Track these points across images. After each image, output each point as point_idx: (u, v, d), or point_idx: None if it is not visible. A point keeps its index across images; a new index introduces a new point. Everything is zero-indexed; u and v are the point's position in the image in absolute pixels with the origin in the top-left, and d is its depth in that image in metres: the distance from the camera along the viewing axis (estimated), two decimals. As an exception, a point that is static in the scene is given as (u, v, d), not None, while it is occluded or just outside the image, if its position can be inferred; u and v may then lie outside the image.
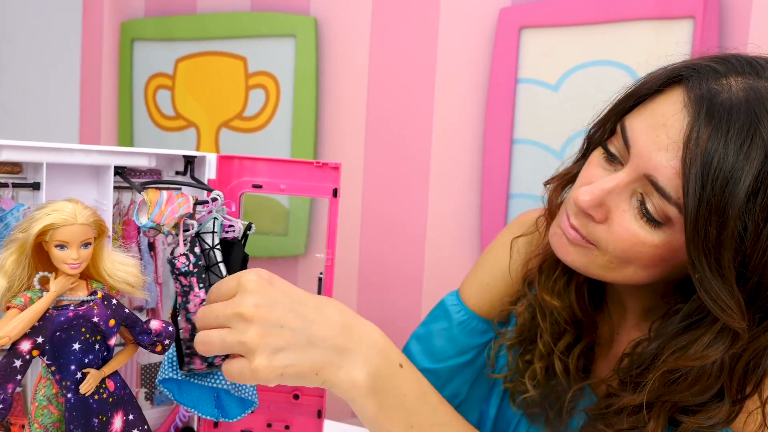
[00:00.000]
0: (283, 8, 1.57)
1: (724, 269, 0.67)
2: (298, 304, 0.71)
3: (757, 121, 0.66)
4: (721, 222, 0.66)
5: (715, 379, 0.71)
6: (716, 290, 0.67)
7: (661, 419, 0.74)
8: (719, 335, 0.71)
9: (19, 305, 0.67)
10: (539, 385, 0.92)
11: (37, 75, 2.00)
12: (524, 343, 0.96)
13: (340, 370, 0.70)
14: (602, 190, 0.75)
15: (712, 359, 0.70)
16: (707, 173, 0.66)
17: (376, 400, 0.71)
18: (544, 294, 0.91)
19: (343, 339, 0.71)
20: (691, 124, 0.68)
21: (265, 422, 0.96)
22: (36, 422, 0.71)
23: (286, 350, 0.68)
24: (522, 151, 1.37)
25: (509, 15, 1.35)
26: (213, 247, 0.83)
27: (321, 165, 0.92)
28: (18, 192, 0.84)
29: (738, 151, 0.65)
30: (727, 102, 0.67)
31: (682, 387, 0.72)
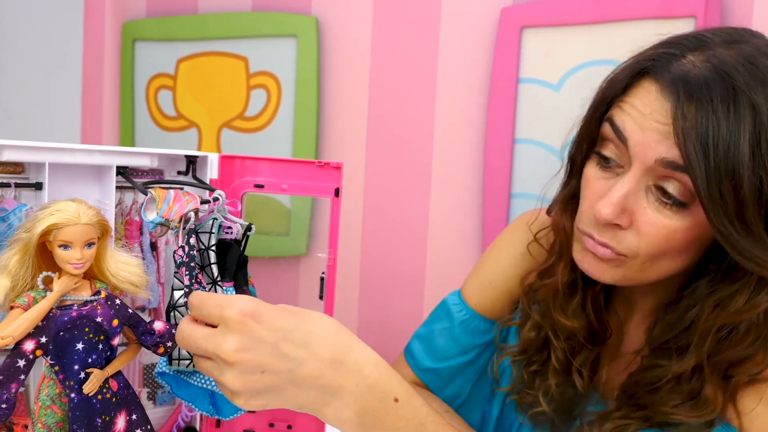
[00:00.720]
0: (285, 8, 1.57)
1: (751, 226, 0.69)
2: (284, 342, 0.66)
3: (731, 83, 0.69)
4: (734, 184, 0.68)
5: (763, 327, 0.74)
6: (749, 249, 0.69)
7: (716, 379, 0.75)
8: (759, 285, 0.73)
9: (22, 305, 0.67)
10: (553, 400, 0.92)
11: (38, 75, 2.00)
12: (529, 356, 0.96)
13: (326, 407, 0.67)
14: (619, 196, 0.75)
15: (760, 309, 0.73)
16: (706, 144, 0.68)
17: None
18: (560, 317, 0.90)
19: (331, 377, 0.66)
20: (674, 106, 0.70)
21: (267, 422, 0.96)
22: (39, 422, 0.71)
23: (266, 393, 0.66)
24: (523, 150, 1.37)
25: (510, 14, 1.35)
26: (208, 248, 0.83)
27: (323, 165, 0.92)
28: (20, 192, 0.84)
29: (727, 116, 0.68)
30: (698, 76, 0.70)
31: (734, 342, 0.74)
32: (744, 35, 0.75)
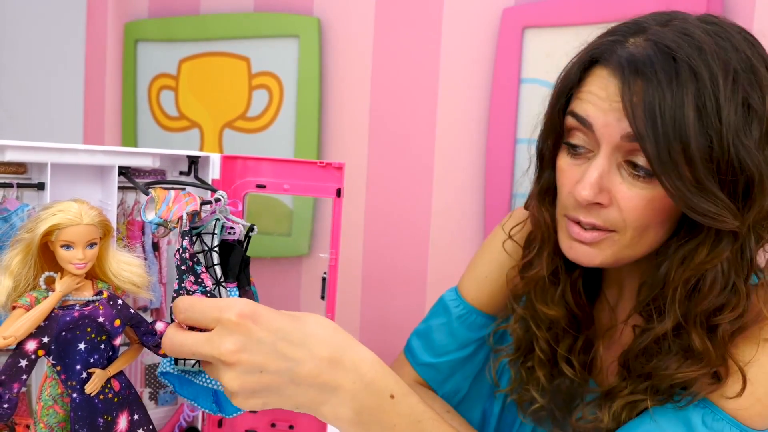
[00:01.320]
0: (286, 9, 1.57)
1: (703, 183, 0.73)
2: (282, 343, 0.66)
3: (672, 54, 0.74)
4: (683, 146, 0.72)
5: (728, 273, 0.77)
6: (703, 206, 0.74)
7: (699, 330, 0.78)
8: (718, 237, 0.77)
9: (24, 305, 0.67)
10: (546, 393, 0.93)
11: (41, 76, 2.00)
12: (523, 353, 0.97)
13: (324, 406, 0.68)
14: (595, 176, 0.79)
15: (722, 258, 0.77)
16: (654, 113, 0.73)
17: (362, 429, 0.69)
18: (541, 306, 0.93)
19: (329, 376, 0.67)
20: (622, 86, 0.75)
21: (269, 422, 0.96)
22: (41, 422, 0.71)
23: (265, 392, 0.66)
24: (525, 150, 1.37)
25: (512, 15, 1.35)
26: (211, 249, 0.83)
27: (324, 165, 0.92)
28: (23, 192, 0.84)
29: (670, 85, 0.73)
30: (641, 54, 0.76)
31: (703, 293, 0.78)
32: (674, 15, 0.80)
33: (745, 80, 0.74)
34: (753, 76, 0.75)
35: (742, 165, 0.73)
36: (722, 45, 0.75)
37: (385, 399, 0.69)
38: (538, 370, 0.93)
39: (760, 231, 0.78)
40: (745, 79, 0.74)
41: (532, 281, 0.94)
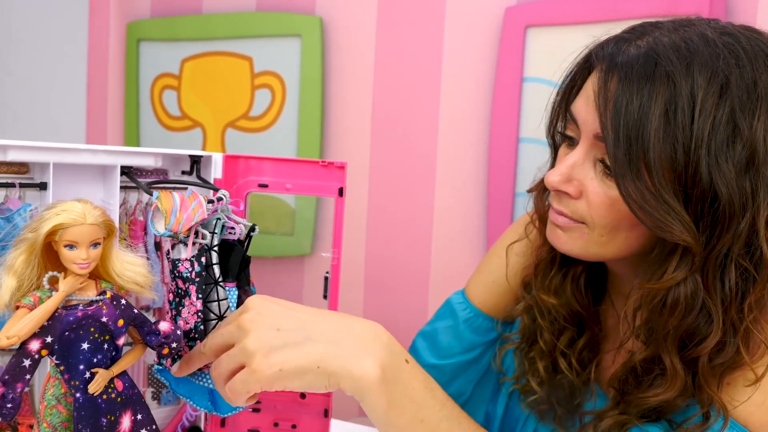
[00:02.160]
0: (289, 8, 1.57)
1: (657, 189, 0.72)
2: (295, 311, 0.73)
3: (656, 58, 0.73)
4: (643, 149, 0.71)
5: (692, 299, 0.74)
6: (650, 210, 0.72)
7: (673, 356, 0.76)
8: (683, 257, 0.75)
9: (28, 305, 0.67)
10: (544, 383, 0.93)
11: (43, 76, 2.00)
12: (528, 343, 0.97)
13: (347, 360, 0.69)
14: (567, 165, 0.81)
15: (677, 280, 0.75)
16: (620, 112, 0.73)
17: (386, 393, 0.70)
18: (541, 293, 0.94)
19: (346, 334, 0.71)
20: (601, 79, 0.76)
21: (272, 422, 0.96)
22: (45, 422, 0.71)
23: (282, 348, 0.69)
24: (528, 149, 1.37)
25: (515, 14, 1.35)
26: (211, 248, 0.83)
27: (327, 164, 0.92)
28: (25, 192, 0.84)
29: (642, 88, 0.72)
30: (630, 54, 0.75)
31: (666, 314, 0.76)
32: (696, 21, 0.79)
33: (737, 99, 0.71)
34: (751, 98, 0.71)
35: (713, 185, 0.71)
36: (723, 57, 0.72)
37: (402, 361, 0.73)
38: (539, 361, 0.94)
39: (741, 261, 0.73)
40: (737, 98, 0.71)
41: (533, 267, 0.96)
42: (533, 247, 0.98)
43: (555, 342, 0.93)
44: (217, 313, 0.82)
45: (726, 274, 0.74)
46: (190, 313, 0.82)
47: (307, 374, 0.68)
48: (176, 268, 0.82)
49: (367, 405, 0.71)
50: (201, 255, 0.82)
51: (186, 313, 0.82)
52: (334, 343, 0.70)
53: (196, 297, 0.81)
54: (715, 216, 0.72)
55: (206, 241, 0.82)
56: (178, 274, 0.82)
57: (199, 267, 0.82)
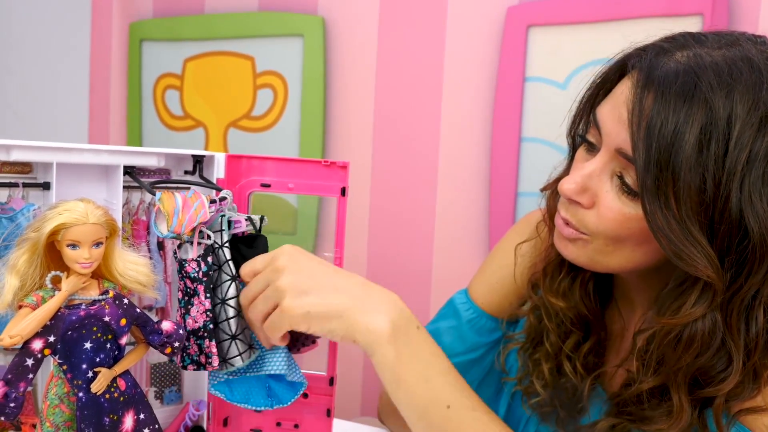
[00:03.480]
0: (291, 8, 1.57)
1: (683, 221, 0.69)
2: (326, 265, 0.81)
3: (696, 79, 0.69)
4: (673, 176, 0.68)
5: (709, 336, 0.72)
6: (676, 242, 0.69)
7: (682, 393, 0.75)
8: (703, 292, 0.72)
9: (31, 304, 0.67)
10: (548, 386, 0.93)
11: (46, 76, 2.01)
12: (533, 343, 0.96)
13: (364, 314, 0.76)
14: (582, 175, 0.78)
15: (695, 316, 0.72)
16: (653, 134, 0.69)
17: (395, 348, 0.76)
18: (549, 296, 0.92)
19: (367, 292, 0.79)
20: (635, 94, 0.72)
21: (274, 421, 0.96)
22: (47, 421, 0.72)
23: (312, 293, 0.77)
24: (530, 149, 1.37)
25: (517, 13, 1.35)
26: (222, 245, 0.84)
27: (329, 164, 0.92)
28: (28, 192, 0.84)
29: (679, 111, 0.68)
30: (669, 70, 0.71)
31: (680, 350, 0.74)
32: (741, 39, 0.74)
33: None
34: None
35: (744, 222, 0.68)
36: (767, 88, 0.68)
37: (413, 327, 0.79)
38: (544, 363, 0.93)
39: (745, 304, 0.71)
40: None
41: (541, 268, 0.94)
42: (543, 247, 0.96)
43: (561, 345, 0.92)
44: (238, 309, 0.83)
45: (752, 317, 0.72)
46: (199, 312, 0.82)
47: (330, 321, 0.76)
48: (183, 268, 0.82)
49: (377, 358, 0.77)
50: (207, 254, 0.82)
51: (195, 311, 0.82)
52: (356, 299, 0.77)
53: (204, 296, 0.82)
54: (743, 254, 0.69)
55: (211, 241, 0.83)
56: (185, 274, 0.82)
57: (206, 266, 0.82)
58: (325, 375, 0.95)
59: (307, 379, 0.88)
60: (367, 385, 1.54)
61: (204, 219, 0.81)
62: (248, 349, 0.84)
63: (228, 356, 0.83)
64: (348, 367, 1.53)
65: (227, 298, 0.83)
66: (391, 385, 0.78)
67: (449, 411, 0.77)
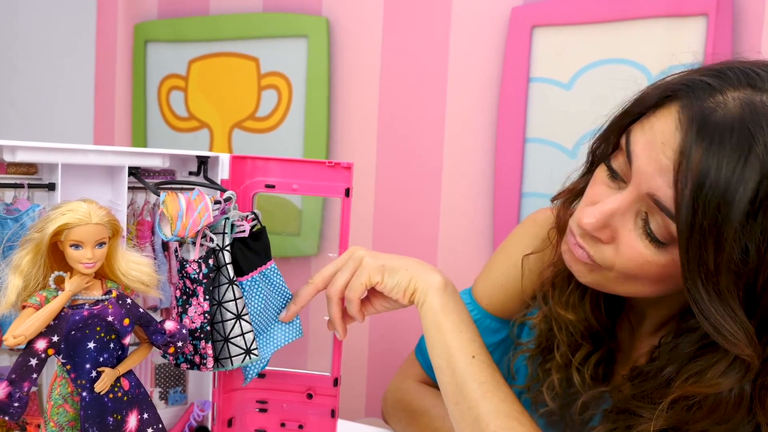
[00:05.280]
0: (295, 9, 1.57)
1: (723, 294, 0.65)
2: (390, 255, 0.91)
3: (752, 138, 0.63)
4: (717, 245, 0.64)
5: (734, 407, 0.69)
6: (716, 316, 0.65)
7: None
8: (734, 363, 0.69)
9: (34, 304, 0.68)
10: (558, 397, 0.92)
11: (51, 77, 2.01)
12: (543, 352, 0.96)
13: (424, 271, 0.88)
14: (604, 212, 0.74)
15: (724, 387, 0.69)
16: (700, 194, 0.64)
17: (442, 298, 0.86)
18: (558, 308, 0.91)
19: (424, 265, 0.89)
20: (683, 144, 0.66)
21: (278, 422, 0.96)
22: (51, 421, 0.72)
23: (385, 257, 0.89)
24: (534, 150, 1.37)
25: (521, 14, 1.35)
26: (223, 248, 0.84)
27: (333, 165, 0.92)
28: (33, 193, 0.84)
29: (732, 171, 0.63)
30: (721, 120, 0.65)
31: (699, 415, 0.71)
32: None
33: None
34: None
35: None
36: None
37: (456, 294, 0.89)
38: (554, 374, 0.92)
39: None
40: None
41: (550, 280, 0.93)
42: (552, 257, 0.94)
43: (570, 356, 0.91)
44: (235, 312, 0.84)
45: None
46: (197, 313, 0.82)
47: (398, 272, 0.87)
48: (184, 268, 0.83)
49: (426, 306, 0.86)
50: (209, 257, 0.83)
51: (192, 312, 0.82)
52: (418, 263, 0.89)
53: (203, 298, 0.82)
54: None
55: (214, 244, 0.83)
56: (186, 275, 0.82)
57: (207, 269, 0.82)
58: (330, 376, 0.95)
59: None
60: (371, 386, 1.54)
61: (208, 222, 0.81)
62: (243, 353, 0.85)
63: (220, 356, 0.85)
64: (352, 368, 1.53)
65: (224, 301, 0.84)
66: (430, 330, 0.86)
67: (473, 360, 0.84)
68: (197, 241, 0.82)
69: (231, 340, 0.84)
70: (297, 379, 0.96)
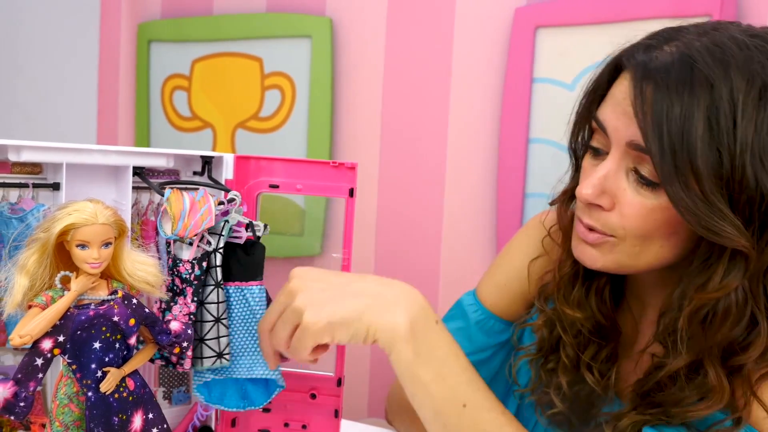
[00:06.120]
0: (299, 9, 1.57)
1: (710, 198, 0.70)
2: (339, 275, 0.83)
3: (692, 63, 0.72)
4: (690, 157, 0.70)
5: (743, 305, 0.73)
6: (711, 222, 0.71)
7: (717, 367, 0.75)
8: (732, 263, 0.73)
9: (40, 304, 0.68)
10: (566, 398, 0.92)
11: (54, 76, 2.01)
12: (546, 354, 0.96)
13: (382, 313, 0.76)
14: (599, 177, 0.79)
15: (732, 287, 0.73)
16: (661, 120, 0.71)
17: (412, 346, 0.76)
18: (564, 308, 0.91)
19: (383, 291, 0.78)
20: (636, 88, 0.74)
21: (282, 422, 0.97)
22: (57, 420, 0.72)
23: (329, 303, 0.76)
24: (538, 150, 1.37)
25: (524, 14, 1.35)
26: (216, 250, 0.84)
27: (337, 165, 0.92)
28: (38, 192, 0.84)
29: (682, 94, 0.71)
30: (663, 60, 0.74)
31: (716, 325, 0.74)
32: (722, 25, 0.77)
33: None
34: None
35: (760, 188, 0.70)
36: (758, 60, 0.72)
37: (432, 323, 0.79)
38: (561, 376, 0.92)
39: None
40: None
41: (556, 281, 0.93)
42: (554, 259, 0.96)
43: (578, 356, 0.91)
44: (215, 315, 0.84)
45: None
46: (182, 313, 0.82)
47: (351, 325, 0.75)
48: (176, 266, 0.83)
49: (395, 356, 0.76)
50: (203, 259, 0.83)
51: (177, 311, 0.82)
52: (374, 298, 0.77)
53: (191, 299, 0.82)
54: (763, 219, 0.72)
55: (211, 248, 0.83)
56: (177, 273, 0.82)
57: (200, 270, 0.82)
58: (333, 376, 0.95)
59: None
60: (374, 386, 1.54)
61: (209, 225, 0.81)
62: (215, 356, 0.84)
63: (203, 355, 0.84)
64: (356, 368, 1.53)
65: (207, 302, 0.84)
66: (408, 383, 0.78)
67: (465, 410, 0.77)
68: (195, 242, 0.82)
69: (206, 341, 0.83)
70: (300, 379, 0.96)
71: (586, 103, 0.86)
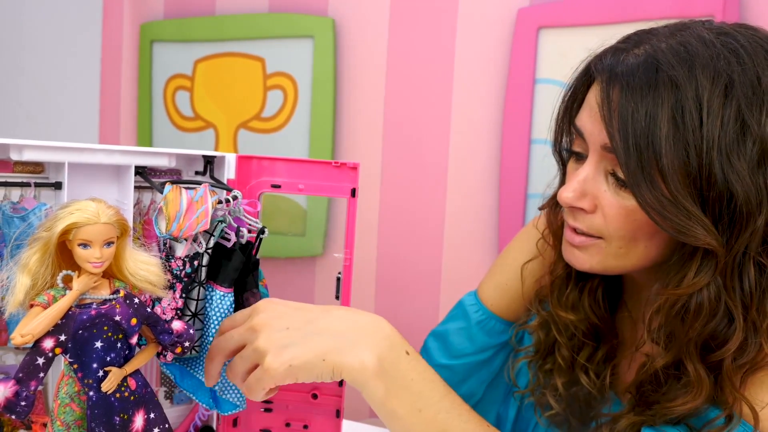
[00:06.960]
0: (301, 9, 1.57)
1: (675, 197, 0.71)
2: (304, 311, 0.78)
3: (657, 64, 0.73)
4: (655, 156, 0.71)
5: (715, 301, 0.74)
6: (672, 217, 0.72)
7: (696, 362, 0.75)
8: (704, 261, 0.74)
9: (42, 303, 0.68)
10: (562, 399, 0.93)
11: (57, 76, 2.02)
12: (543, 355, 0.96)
13: (347, 353, 0.73)
14: (578, 181, 0.80)
15: (700, 285, 0.74)
16: (626, 121, 0.72)
17: (383, 383, 0.73)
18: (558, 310, 0.93)
19: (348, 327, 0.76)
20: (603, 92, 0.76)
21: (283, 422, 0.96)
22: (58, 420, 0.72)
23: (291, 345, 0.73)
24: (540, 151, 1.37)
25: (527, 15, 1.35)
26: (206, 249, 0.84)
27: (339, 165, 0.92)
28: (40, 191, 0.85)
29: (646, 95, 0.72)
30: (629, 63, 0.75)
31: (690, 320, 0.75)
32: (690, 24, 0.79)
33: (742, 97, 0.71)
34: (757, 95, 0.72)
35: (728, 185, 0.71)
36: (724, 57, 0.72)
37: (402, 354, 0.76)
38: (557, 378, 0.93)
39: (760, 259, 0.74)
40: (743, 96, 0.71)
41: (549, 284, 0.95)
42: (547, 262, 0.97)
43: (573, 357, 0.92)
44: (192, 311, 0.84)
45: (745, 273, 0.74)
46: (170, 307, 0.83)
47: (314, 368, 0.73)
48: (169, 261, 0.83)
49: (366, 394, 0.74)
50: (195, 258, 0.83)
51: (165, 304, 0.83)
52: (337, 337, 0.74)
53: (179, 295, 0.82)
54: (732, 216, 0.72)
55: (203, 249, 0.83)
56: (168, 268, 0.83)
57: (191, 268, 0.83)
58: (335, 376, 0.95)
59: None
60: (375, 387, 1.54)
61: (204, 228, 0.81)
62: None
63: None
64: (357, 369, 1.53)
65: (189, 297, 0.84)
66: (385, 419, 0.76)
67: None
68: (188, 242, 0.82)
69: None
70: (302, 379, 0.95)
71: (564, 109, 0.88)
